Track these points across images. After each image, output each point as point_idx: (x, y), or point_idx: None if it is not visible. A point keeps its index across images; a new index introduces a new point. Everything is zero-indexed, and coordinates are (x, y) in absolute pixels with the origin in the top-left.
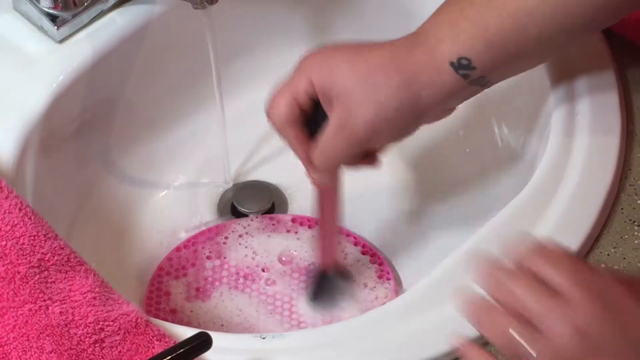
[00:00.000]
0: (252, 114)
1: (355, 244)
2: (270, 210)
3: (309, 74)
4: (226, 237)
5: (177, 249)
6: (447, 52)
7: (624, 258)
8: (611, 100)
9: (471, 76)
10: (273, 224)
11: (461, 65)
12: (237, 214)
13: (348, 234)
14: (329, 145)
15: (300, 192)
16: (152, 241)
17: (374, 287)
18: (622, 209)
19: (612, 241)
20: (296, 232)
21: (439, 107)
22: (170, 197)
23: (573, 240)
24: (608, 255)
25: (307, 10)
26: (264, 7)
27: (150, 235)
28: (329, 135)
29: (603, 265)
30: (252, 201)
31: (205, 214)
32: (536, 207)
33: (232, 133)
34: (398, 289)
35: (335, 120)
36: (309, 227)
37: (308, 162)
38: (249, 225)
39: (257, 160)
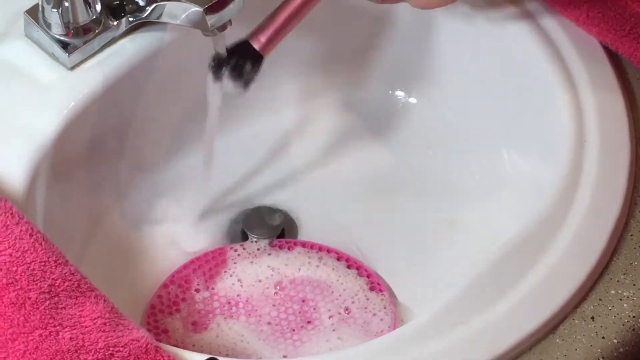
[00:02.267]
0: (260, 140)
1: (339, 259)
2: (280, 236)
3: None
4: (215, 266)
5: (164, 285)
6: None
7: (634, 284)
8: (620, 127)
9: None
10: (259, 249)
11: None
12: (246, 238)
13: (329, 250)
14: None
15: (310, 218)
16: (162, 267)
17: (368, 299)
18: (631, 235)
19: (622, 267)
20: (284, 255)
21: None
22: (180, 223)
23: (582, 267)
24: (618, 281)
25: (314, 39)
26: None
27: (160, 261)
28: None
29: (613, 292)
30: (261, 227)
31: (215, 240)
32: (545, 234)
33: (243, 159)
34: (393, 299)
35: None
36: (289, 249)
37: None
38: (238, 252)
39: (267, 185)
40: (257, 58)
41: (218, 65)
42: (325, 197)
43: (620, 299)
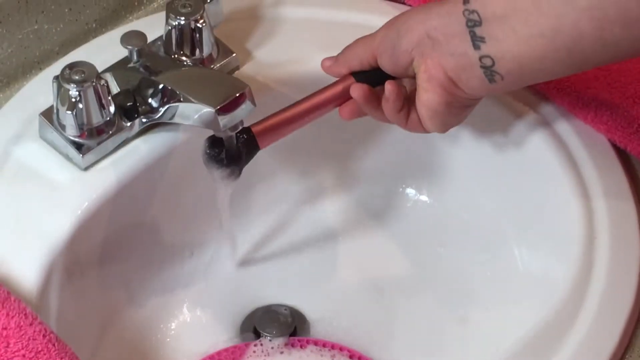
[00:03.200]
0: (270, 238)
1: (351, 357)
2: (292, 334)
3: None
4: None
5: None
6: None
7: None
8: (630, 224)
9: (469, 3)
10: (272, 348)
11: (470, 12)
12: (259, 336)
13: (342, 348)
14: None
15: (322, 316)
16: None
17: None
18: None
19: None
20: (296, 353)
21: (431, 32)
22: (192, 321)
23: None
24: None
25: (325, 133)
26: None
27: (173, 359)
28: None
29: None
30: (274, 325)
31: (227, 338)
32: (557, 333)
33: (253, 257)
34: None
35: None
36: (301, 347)
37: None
38: (251, 351)
39: (278, 283)
40: (252, 148)
41: (211, 145)
42: (336, 295)
43: None
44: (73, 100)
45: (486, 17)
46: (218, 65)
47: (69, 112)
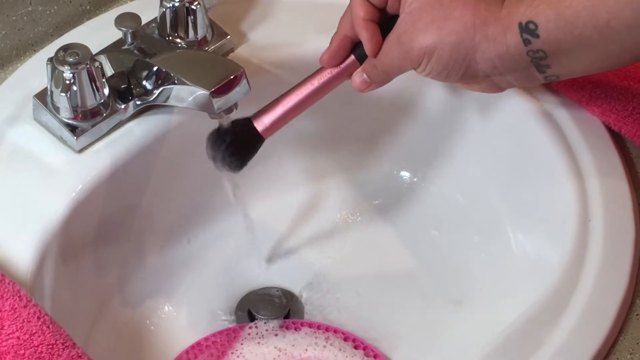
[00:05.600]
0: (266, 221)
1: (346, 339)
2: (287, 317)
3: None
4: (222, 347)
5: None
6: (521, 13)
7: None
8: (624, 206)
9: (532, 44)
10: (266, 330)
11: (527, 29)
12: (253, 319)
13: (336, 331)
14: (386, 58)
15: (316, 298)
16: (169, 348)
17: None
18: (637, 315)
19: (629, 347)
20: (290, 335)
21: (489, 68)
22: (187, 303)
23: (589, 346)
24: None
25: (323, 118)
26: None
27: (166, 342)
28: (388, 46)
29: None
30: (268, 307)
31: (221, 321)
32: (551, 314)
33: (249, 241)
34: None
35: (397, 30)
36: (295, 329)
37: (369, 48)
38: (245, 333)
39: (273, 266)
40: (257, 139)
41: (217, 139)
42: (330, 277)
43: None
44: (67, 82)
45: (552, 52)
46: (212, 47)
47: (63, 94)
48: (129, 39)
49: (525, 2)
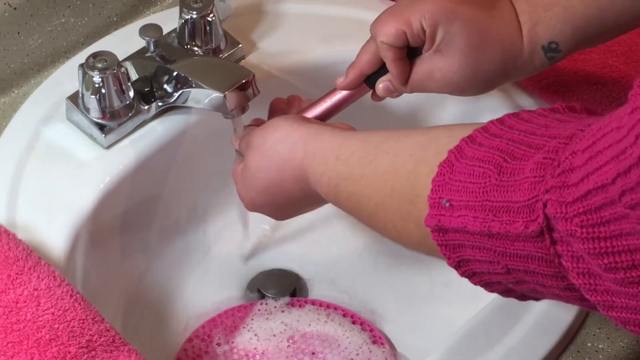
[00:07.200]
0: None
1: (344, 316)
2: (292, 295)
3: (425, 9)
4: (234, 322)
5: (189, 339)
6: (542, 35)
7: (608, 338)
8: None
9: (555, 58)
10: (274, 307)
11: (550, 49)
12: (263, 297)
13: (336, 308)
14: (421, 84)
15: (319, 279)
16: (188, 323)
17: (371, 351)
18: None
19: (597, 322)
20: (296, 312)
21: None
22: (203, 284)
23: (563, 320)
24: (594, 335)
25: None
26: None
27: (186, 317)
28: (424, 73)
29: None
30: (276, 287)
31: (233, 299)
32: None
33: (259, 226)
34: (394, 351)
35: (435, 62)
36: (300, 307)
37: (399, 82)
38: (255, 310)
39: (281, 249)
40: None
41: None
42: (332, 259)
43: (596, 351)
44: (96, 85)
45: (568, 51)
46: (226, 55)
47: (93, 96)
48: (152, 47)
49: (541, 23)
